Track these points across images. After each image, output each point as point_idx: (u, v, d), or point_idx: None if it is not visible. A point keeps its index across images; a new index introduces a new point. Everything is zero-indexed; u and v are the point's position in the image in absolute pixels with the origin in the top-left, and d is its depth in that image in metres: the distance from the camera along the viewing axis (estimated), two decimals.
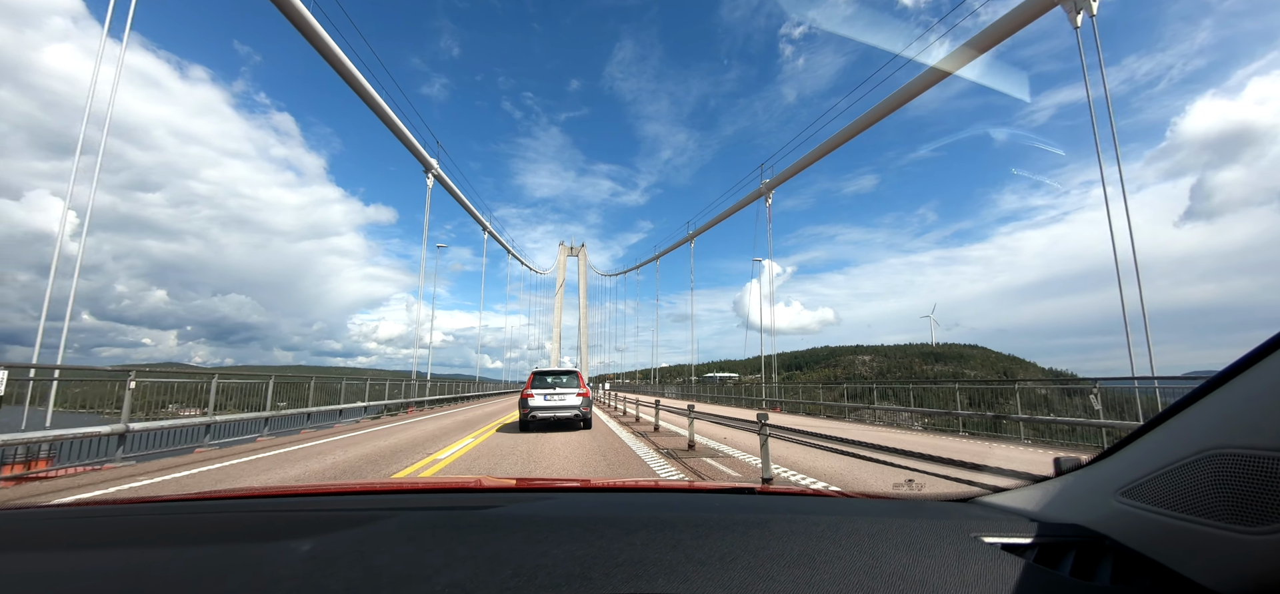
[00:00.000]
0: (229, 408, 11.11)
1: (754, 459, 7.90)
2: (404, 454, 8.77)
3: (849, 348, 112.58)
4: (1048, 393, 14.28)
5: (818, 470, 7.15)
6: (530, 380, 12.21)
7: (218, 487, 6.27)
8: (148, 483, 6.47)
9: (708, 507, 1.17)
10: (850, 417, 18.78)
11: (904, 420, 16.58)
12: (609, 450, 8.99)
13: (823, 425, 16.34)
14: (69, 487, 6.23)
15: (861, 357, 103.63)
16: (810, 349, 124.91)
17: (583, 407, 11.87)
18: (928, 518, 1.06)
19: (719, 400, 34.21)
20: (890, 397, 18.10)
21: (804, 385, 26.48)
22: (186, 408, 9.86)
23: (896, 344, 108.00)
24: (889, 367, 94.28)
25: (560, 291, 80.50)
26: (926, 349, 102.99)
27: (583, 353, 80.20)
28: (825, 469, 7.16)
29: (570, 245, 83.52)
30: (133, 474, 7.09)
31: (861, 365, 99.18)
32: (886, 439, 11.09)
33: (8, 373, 6.40)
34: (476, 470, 7.23)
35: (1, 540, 1.02)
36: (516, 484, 1.68)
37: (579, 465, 7.35)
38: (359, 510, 1.15)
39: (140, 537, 1.03)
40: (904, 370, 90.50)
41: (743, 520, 1.01)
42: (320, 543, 0.90)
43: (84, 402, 8.78)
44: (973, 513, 1.14)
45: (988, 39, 16.23)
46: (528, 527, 0.98)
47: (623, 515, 1.08)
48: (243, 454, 8.95)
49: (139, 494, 5.57)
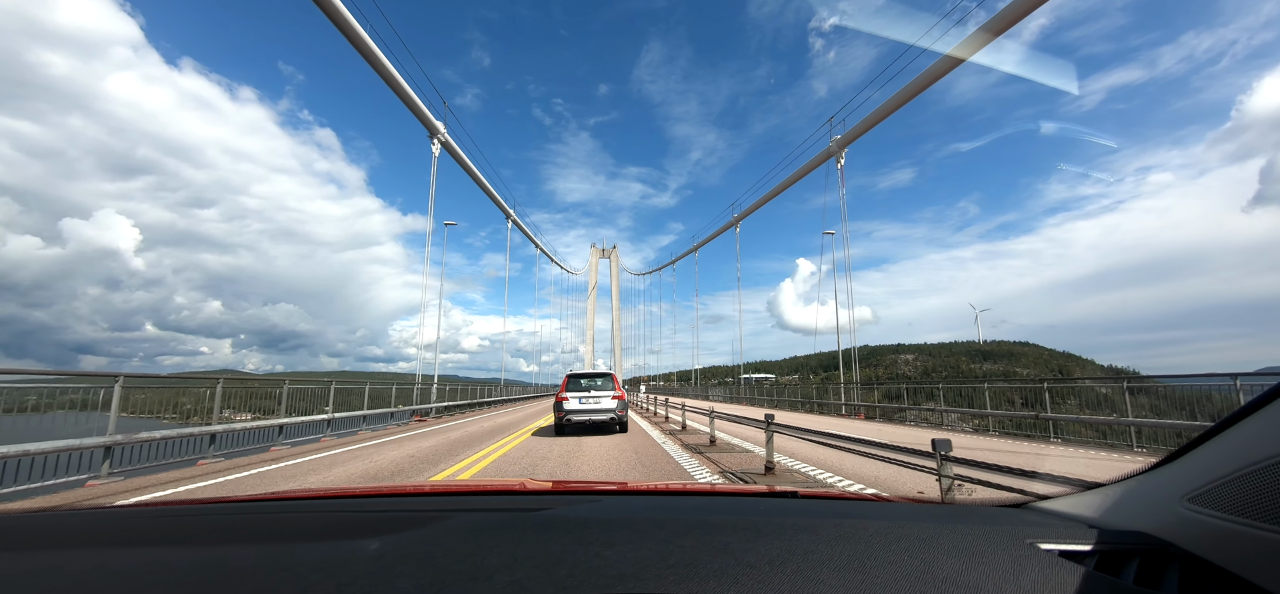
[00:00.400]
0: (297, 411, 11.89)
1: (810, 469, 7.80)
2: (447, 455, 9.22)
3: (890, 347, 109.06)
4: (1108, 392, 13.51)
5: (863, 475, 6.99)
6: (564, 383, 12.20)
7: (291, 483, 6.85)
8: (235, 477, 7.18)
9: (753, 510, 1.18)
10: (893, 418, 18.19)
11: (952, 422, 15.95)
12: (645, 455, 9.03)
13: (863, 428, 15.91)
14: (174, 480, 6.97)
15: (904, 355, 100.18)
16: (846, 349, 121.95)
17: (618, 410, 11.83)
18: (981, 524, 1.03)
19: (767, 402, 33.52)
20: (936, 397, 17.44)
21: (843, 386, 25.82)
22: (257, 411, 10.68)
23: (941, 342, 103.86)
24: (934, 366, 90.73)
25: (592, 294, 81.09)
26: (973, 347, 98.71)
27: (616, 355, 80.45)
28: (869, 474, 7.01)
29: (602, 248, 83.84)
30: (223, 469, 7.94)
31: (904, 365, 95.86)
32: (927, 442, 10.77)
33: (121, 381, 7.17)
34: (514, 473, 7.41)
35: (89, 537, 1.07)
36: (555, 486, 1.73)
37: (616, 470, 7.42)
38: (418, 512, 1.21)
39: (220, 535, 1.08)
40: (949, 370, 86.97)
41: (790, 525, 1.01)
42: (387, 543, 0.94)
43: (175, 406, 9.36)
44: (1028, 519, 1.11)
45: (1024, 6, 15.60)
46: (580, 528, 1.01)
47: (671, 518, 1.09)
48: (310, 452, 9.85)
49: (221, 493, 5.90)
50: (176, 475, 7.36)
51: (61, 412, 6.80)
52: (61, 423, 6.56)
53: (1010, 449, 9.94)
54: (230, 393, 9.85)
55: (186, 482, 6.91)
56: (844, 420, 18.99)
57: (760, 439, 10.63)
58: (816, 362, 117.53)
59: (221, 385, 9.27)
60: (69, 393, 7.04)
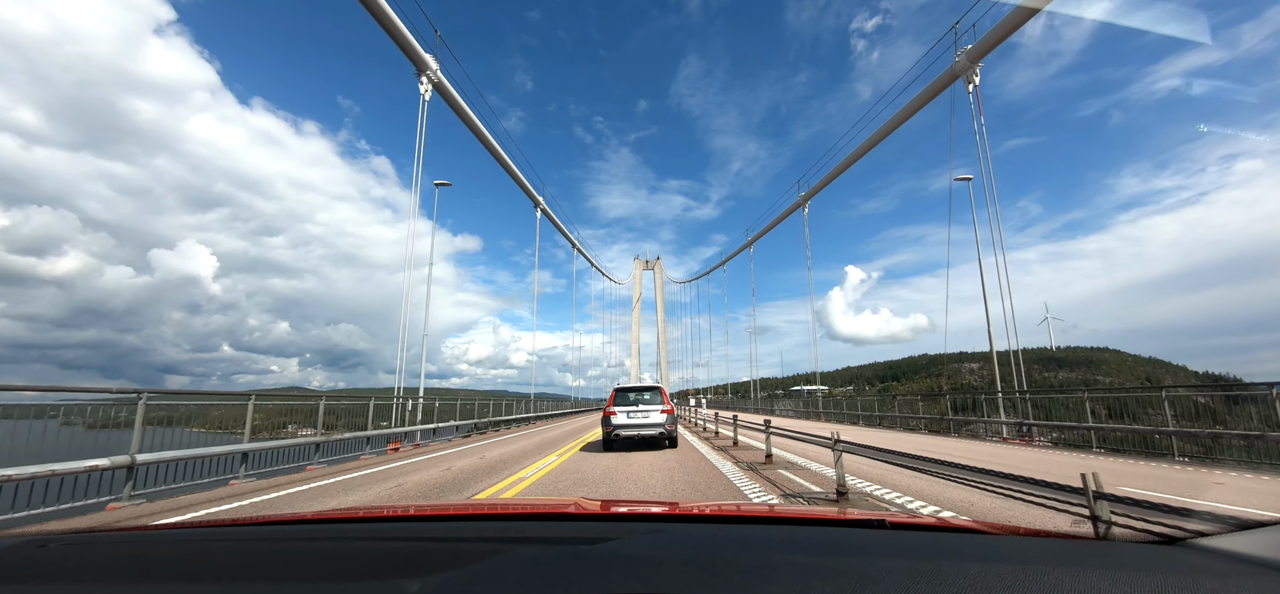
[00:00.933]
0: (338, 428, 12.24)
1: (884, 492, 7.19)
2: (494, 471, 9.06)
3: (952, 355, 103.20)
4: (1207, 401, 12.00)
5: (942, 498, 6.32)
6: (612, 398, 12.06)
7: (325, 504, 6.64)
8: (264, 498, 7.00)
9: (839, 544, 1.08)
10: (964, 432, 16.90)
11: (1026, 435, 14.62)
12: (697, 475, 8.63)
13: (926, 443, 14.89)
14: (201, 502, 6.89)
15: (968, 364, 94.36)
16: (906, 358, 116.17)
17: (668, 424, 11.58)
18: (1128, 568, 0.86)
19: (824, 415, 32.24)
20: (1008, 408, 16.11)
21: (901, 398, 24.35)
22: (303, 428, 10.93)
23: (1009, 349, 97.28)
24: (1003, 375, 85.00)
25: (637, 307, 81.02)
26: (1046, 354, 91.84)
27: (662, 368, 79.80)
28: (949, 496, 6.32)
29: (645, 260, 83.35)
30: (254, 490, 7.79)
31: (969, 374, 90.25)
32: (1019, 464, 9.65)
33: (144, 397, 6.87)
34: (560, 491, 7.16)
35: (112, 566, 1.01)
36: (610, 509, 1.57)
37: (668, 491, 7.06)
38: (462, 540, 1.14)
39: (236, 568, 1.00)
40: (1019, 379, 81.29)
41: (900, 568, 0.84)
42: (428, 585, 0.83)
43: (221, 423, 9.74)
44: (1193, 562, 0.91)
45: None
46: (647, 565, 0.89)
47: (751, 556, 0.96)
48: (348, 471, 9.71)
49: (245, 514, 5.50)
50: (205, 497, 7.04)
51: (81, 429, 6.36)
52: (81, 441, 6.15)
53: (1104, 469, 8.88)
54: (276, 410, 10.30)
55: (210, 504, 6.50)
56: (909, 435, 17.85)
57: (820, 456, 10.04)
58: (872, 372, 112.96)
59: (253, 401, 9.24)
60: (102, 409, 6.70)
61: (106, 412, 6.67)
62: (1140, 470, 8.74)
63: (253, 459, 8.97)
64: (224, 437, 9.15)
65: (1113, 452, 11.44)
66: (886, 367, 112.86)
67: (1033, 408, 14.93)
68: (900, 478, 7.26)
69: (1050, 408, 13.97)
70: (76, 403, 6.61)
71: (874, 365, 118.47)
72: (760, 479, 7.50)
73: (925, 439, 15.84)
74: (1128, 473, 8.45)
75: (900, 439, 15.59)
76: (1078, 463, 9.64)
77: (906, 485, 6.84)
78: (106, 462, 6.23)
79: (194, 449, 7.91)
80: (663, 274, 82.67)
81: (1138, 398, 12.52)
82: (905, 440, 15.20)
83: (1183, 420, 10.79)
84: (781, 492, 6.48)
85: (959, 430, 17.13)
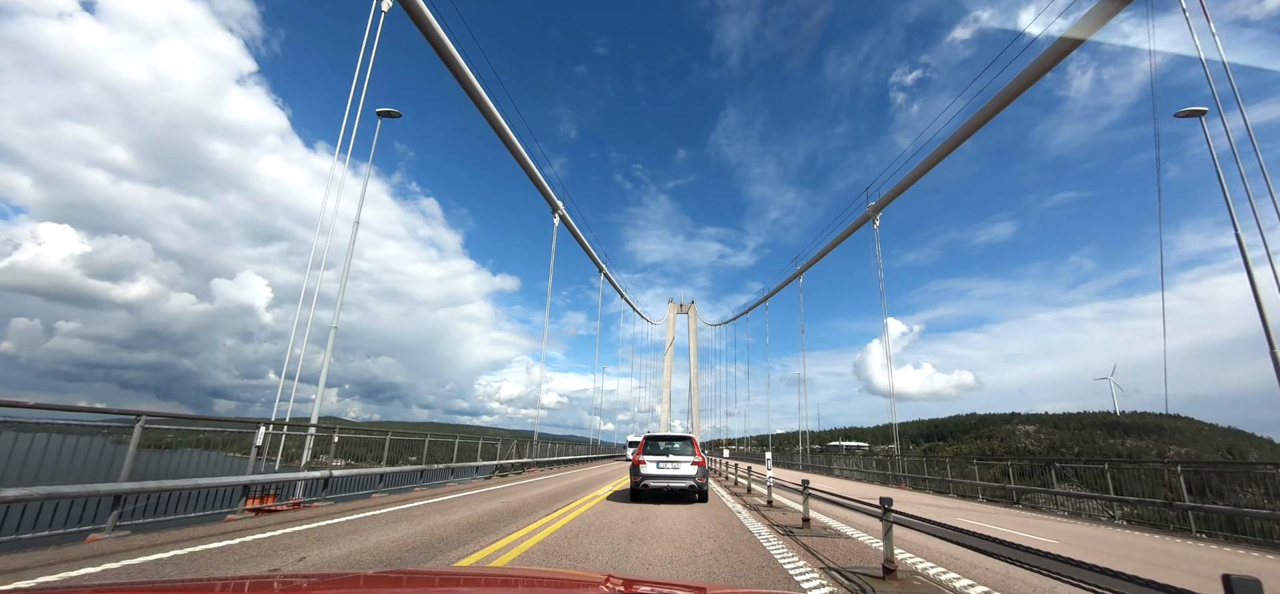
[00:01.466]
0: (399, 462, 12.55)
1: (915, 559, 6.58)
2: (523, 514, 8.89)
3: (1001, 416, 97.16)
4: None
5: (991, 577, 5.69)
6: (641, 445, 11.79)
7: (394, 531, 6.48)
8: (348, 520, 6.81)
9: None
10: (1023, 503, 15.55)
11: (1091, 510, 13.31)
12: (727, 539, 8.15)
13: (983, 514, 13.81)
14: (288, 519, 6.79)
15: (1022, 426, 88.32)
16: (953, 417, 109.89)
17: (698, 477, 11.17)
18: None
19: (863, 475, 30.65)
20: (1071, 478, 14.80)
21: (950, 459, 22.75)
22: (362, 460, 11.39)
23: (1066, 412, 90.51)
24: (1061, 440, 78.90)
25: (669, 351, 79.75)
26: (1109, 419, 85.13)
27: (694, 416, 77.57)
28: (994, 573, 5.68)
29: (680, 303, 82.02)
30: (331, 513, 8.09)
31: (1023, 437, 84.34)
32: (1109, 550, 8.68)
33: (142, 421, 6.21)
34: (585, 541, 6.82)
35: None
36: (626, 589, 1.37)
37: (695, 559, 6.64)
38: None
39: None
40: (1083, 445, 75.27)
41: None
42: None
43: (294, 452, 10.03)
44: None
45: None
46: None
47: None
48: (406, 501, 10.17)
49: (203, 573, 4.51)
50: (202, 532, 6.32)
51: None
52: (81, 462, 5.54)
53: (1229, 561, 7.89)
54: (352, 443, 10.56)
55: (206, 541, 5.73)
56: (963, 502, 16.60)
57: (862, 522, 9.30)
58: (915, 430, 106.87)
59: (265, 430, 8.62)
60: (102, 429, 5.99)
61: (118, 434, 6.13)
62: (1267, 566, 7.68)
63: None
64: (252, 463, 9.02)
65: (1204, 536, 10.23)
66: (931, 425, 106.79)
67: (1100, 479, 13.64)
68: (959, 552, 6.60)
69: (1120, 480, 12.70)
70: (79, 423, 5.82)
71: (918, 423, 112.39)
72: (795, 545, 7.00)
73: (981, 509, 14.67)
74: (1248, 567, 7.47)
75: (955, 508, 14.51)
76: (1183, 552, 8.60)
77: (968, 563, 6.20)
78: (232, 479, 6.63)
79: (188, 479, 6.91)
80: (697, 320, 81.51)
81: (1223, 472, 11.22)
82: (961, 510, 14.15)
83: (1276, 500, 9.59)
84: (822, 564, 5.94)
85: (1019, 501, 15.79)
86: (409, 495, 11.37)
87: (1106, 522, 12.29)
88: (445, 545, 6.17)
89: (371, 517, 8.12)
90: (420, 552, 5.78)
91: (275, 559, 5.20)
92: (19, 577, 4.21)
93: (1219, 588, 1.71)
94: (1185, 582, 3.73)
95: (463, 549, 6.02)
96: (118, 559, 4.84)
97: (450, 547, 6.11)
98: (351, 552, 5.69)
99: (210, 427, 7.93)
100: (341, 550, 5.73)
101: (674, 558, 5.97)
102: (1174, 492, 11.21)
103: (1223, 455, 63.28)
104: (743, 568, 5.61)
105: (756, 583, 5.05)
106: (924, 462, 24.36)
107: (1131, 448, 71.37)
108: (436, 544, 6.22)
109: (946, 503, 15.68)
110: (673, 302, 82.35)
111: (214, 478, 7.30)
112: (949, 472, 20.29)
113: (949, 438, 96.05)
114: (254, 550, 5.51)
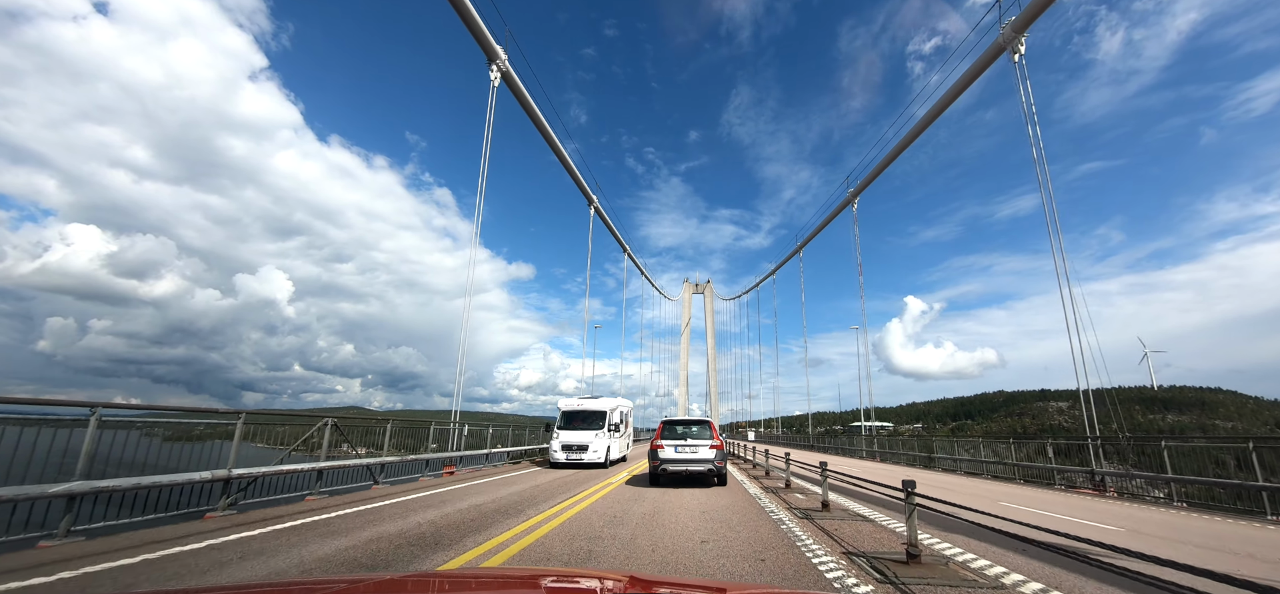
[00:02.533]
0: (401, 450, 12.40)
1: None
2: (541, 500, 8.82)
3: (1032, 393, 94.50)
4: None
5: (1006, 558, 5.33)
6: (660, 430, 11.79)
7: (391, 523, 6.38)
8: (337, 514, 6.86)
9: None
10: (1060, 482, 14.97)
11: (1136, 488, 12.70)
12: (745, 523, 7.92)
13: (1020, 497, 13.32)
14: (283, 515, 6.84)
15: (1054, 403, 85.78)
16: (980, 395, 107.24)
17: (717, 460, 11.10)
18: None
19: (889, 456, 30.01)
20: (1115, 457, 14.16)
21: (981, 440, 22.06)
22: (359, 447, 11.11)
23: (1099, 388, 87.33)
24: (1100, 417, 76.17)
25: (685, 332, 78.42)
26: (1146, 394, 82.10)
27: (712, 399, 76.66)
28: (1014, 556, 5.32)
29: (695, 283, 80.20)
30: (325, 506, 7.96)
31: (1057, 414, 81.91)
32: (1165, 537, 8.12)
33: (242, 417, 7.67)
34: (602, 523, 6.67)
35: None
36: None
37: (714, 546, 6.42)
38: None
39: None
40: (1122, 422, 72.68)
41: None
42: None
43: (284, 440, 9.93)
44: None
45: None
46: None
47: None
48: (408, 491, 9.89)
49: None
50: (287, 511, 7.27)
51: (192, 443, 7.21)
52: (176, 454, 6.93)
53: None
54: (345, 430, 10.39)
55: (289, 519, 6.65)
56: (998, 485, 16.11)
57: (883, 502, 8.96)
58: (940, 409, 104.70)
59: (242, 423, 7.90)
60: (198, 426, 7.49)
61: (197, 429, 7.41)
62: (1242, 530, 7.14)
63: (326, 477, 9.39)
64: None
65: (1247, 514, 9.61)
66: (957, 404, 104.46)
67: (1140, 456, 12.97)
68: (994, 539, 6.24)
69: (1164, 459, 12.04)
70: (179, 422, 7.32)
71: (943, 402, 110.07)
72: (814, 529, 6.74)
73: (1018, 491, 14.18)
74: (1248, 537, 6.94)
75: (986, 490, 14.05)
76: (1257, 536, 8.09)
77: (1003, 549, 5.84)
78: (207, 474, 6.87)
79: (277, 466, 8.46)
80: (713, 300, 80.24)
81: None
82: (995, 493, 13.69)
83: None
84: (843, 549, 5.67)
85: (1055, 480, 15.20)
86: (415, 484, 11.40)
87: (1164, 502, 11.69)
88: (463, 531, 6.10)
89: (485, 482, 8.07)
90: (429, 543, 5.69)
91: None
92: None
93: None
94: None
95: (486, 533, 5.96)
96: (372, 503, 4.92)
97: (471, 531, 6.04)
98: (488, 497, 5.63)
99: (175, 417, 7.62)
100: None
101: (697, 547, 5.75)
102: (1246, 470, 10.49)
103: (1273, 429, 60.59)
104: (766, 554, 5.37)
105: (776, 567, 4.84)
106: (951, 442, 23.70)
107: (1173, 423, 68.78)
108: (448, 533, 6.14)
109: (979, 486, 15.21)
110: (688, 281, 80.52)
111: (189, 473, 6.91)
112: (982, 452, 19.65)
113: (977, 416, 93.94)
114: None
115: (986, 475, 17.77)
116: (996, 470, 17.57)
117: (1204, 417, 68.40)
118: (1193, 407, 73.07)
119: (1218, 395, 76.62)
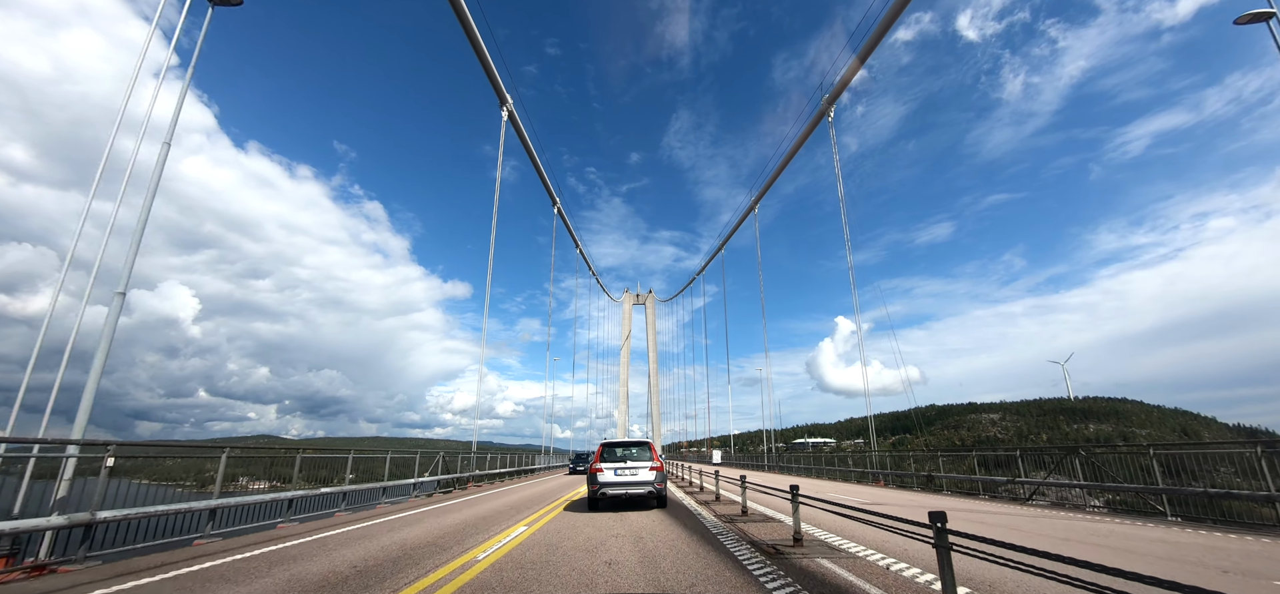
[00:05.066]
0: (313, 481, 11.11)
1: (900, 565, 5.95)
2: (471, 533, 8.05)
3: (962, 406, 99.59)
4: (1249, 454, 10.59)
5: (888, 548, 5.09)
6: (598, 453, 11.33)
7: (298, 566, 5.47)
8: (232, 559, 5.79)
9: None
10: (1003, 493, 15.33)
11: (1074, 497, 13.11)
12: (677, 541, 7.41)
13: (959, 507, 13.46)
14: (166, 563, 5.70)
15: (988, 415, 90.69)
16: (913, 409, 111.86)
17: (657, 482, 10.79)
18: None
19: (825, 472, 30.14)
20: (1048, 466, 14.60)
21: (914, 454, 22.54)
22: (258, 481, 9.81)
23: (1024, 400, 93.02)
24: (1027, 428, 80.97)
25: (626, 345, 74.36)
26: (1065, 404, 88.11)
27: (654, 419, 72.69)
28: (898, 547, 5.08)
29: (636, 294, 76.55)
30: (223, 550, 6.84)
31: (990, 425, 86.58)
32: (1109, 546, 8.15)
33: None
34: (540, 557, 5.94)
35: None
36: None
37: (650, 555, 5.85)
38: None
39: None
40: (1048, 431, 77.53)
41: None
42: None
43: (173, 475, 8.55)
44: None
45: None
46: None
47: None
48: (322, 529, 8.75)
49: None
50: (164, 559, 6.16)
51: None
52: None
53: (1241, 549, 7.52)
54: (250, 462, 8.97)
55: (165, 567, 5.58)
56: (913, 494, 16.32)
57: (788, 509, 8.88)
58: (879, 424, 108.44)
59: (113, 451, 6.69)
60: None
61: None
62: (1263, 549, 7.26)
63: (221, 516, 8.22)
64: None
65: (1188, 520, 9.99)
66: (893, 418, 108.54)
67: (1083, 467, 13.41)
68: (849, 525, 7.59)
69: (1102, 467, 12.49)
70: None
71: (880, 417, 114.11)
72: (734, 530, 7.88)
73: (957, 503, 14.36)
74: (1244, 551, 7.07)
75: (954, 507, 14.16)
76: (1200, 543, 8.25)
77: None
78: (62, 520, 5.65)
79: (156, 506, 7.12)
80: (655, 311, 76.48)
81: (1201, 456, 10.96)
82: (959, 509, 13.81)
83: (1244, 479, 9.45)
84: (749, 540, 6.95)
85: (992, 492, 15.56)
86: (428, 498, 10.24)
87: (1089, 511, 12.05)
88: (382, 573, 5.22)
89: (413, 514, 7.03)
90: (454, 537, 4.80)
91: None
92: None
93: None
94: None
95: (417, 569, 5.10)
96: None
97: (395, 570, 5.16)
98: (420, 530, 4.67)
99: None
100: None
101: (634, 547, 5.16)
102: (1150, 476, 10.99)
103: (1179, 436, 66.23)
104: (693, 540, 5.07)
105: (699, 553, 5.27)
106: (889, 456, 24.12)
107: (1096, 432, 73.94)
108: (362, 577, 5.26)
109: (942, 502, 15.35)
110: (629, 291, 76.79)
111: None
112: (942, 467, 19.35)
113: (912, 431, 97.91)
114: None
115: (948, 491, 18.09)
116: (941, 485, 17.90)
117: (1121, 426, 73.88)
118: (1109, 417, 78.96)
119: (1127, 406, 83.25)
